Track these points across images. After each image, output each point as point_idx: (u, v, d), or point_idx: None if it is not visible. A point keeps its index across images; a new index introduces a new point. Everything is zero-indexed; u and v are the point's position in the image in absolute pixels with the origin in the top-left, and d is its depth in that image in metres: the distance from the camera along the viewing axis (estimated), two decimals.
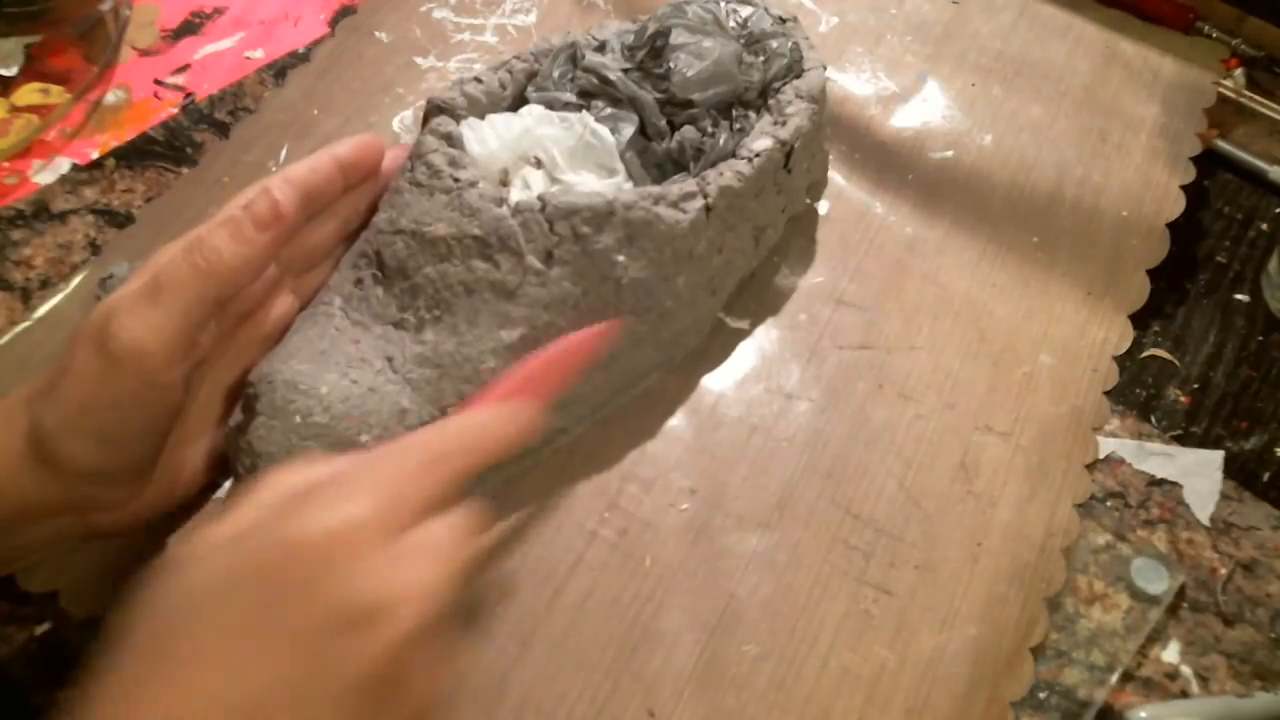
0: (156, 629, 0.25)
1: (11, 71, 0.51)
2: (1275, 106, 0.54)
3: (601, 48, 0.44)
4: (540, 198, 0.37)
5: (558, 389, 0.35)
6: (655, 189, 0.38)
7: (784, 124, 0.42)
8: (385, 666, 0.25)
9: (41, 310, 0.43)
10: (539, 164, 0.40)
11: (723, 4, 0.46)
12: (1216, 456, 0.43)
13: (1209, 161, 0.53)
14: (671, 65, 0.42)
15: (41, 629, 0.37)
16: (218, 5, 0.56)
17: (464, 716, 0.35)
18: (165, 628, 0.25)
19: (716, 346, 0.44)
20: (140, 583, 0.26)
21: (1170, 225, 0.49)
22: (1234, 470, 0.43)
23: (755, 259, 0.45)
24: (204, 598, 0.25)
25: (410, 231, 0.37)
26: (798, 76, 0.44)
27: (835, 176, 0.50)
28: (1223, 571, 0.40)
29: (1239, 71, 0.55)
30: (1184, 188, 0.50)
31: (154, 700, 0.24)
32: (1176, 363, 0.46)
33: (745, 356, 0.44)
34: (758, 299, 0.45)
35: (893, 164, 0.51)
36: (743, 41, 0.45)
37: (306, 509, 0.26)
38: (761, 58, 0.44)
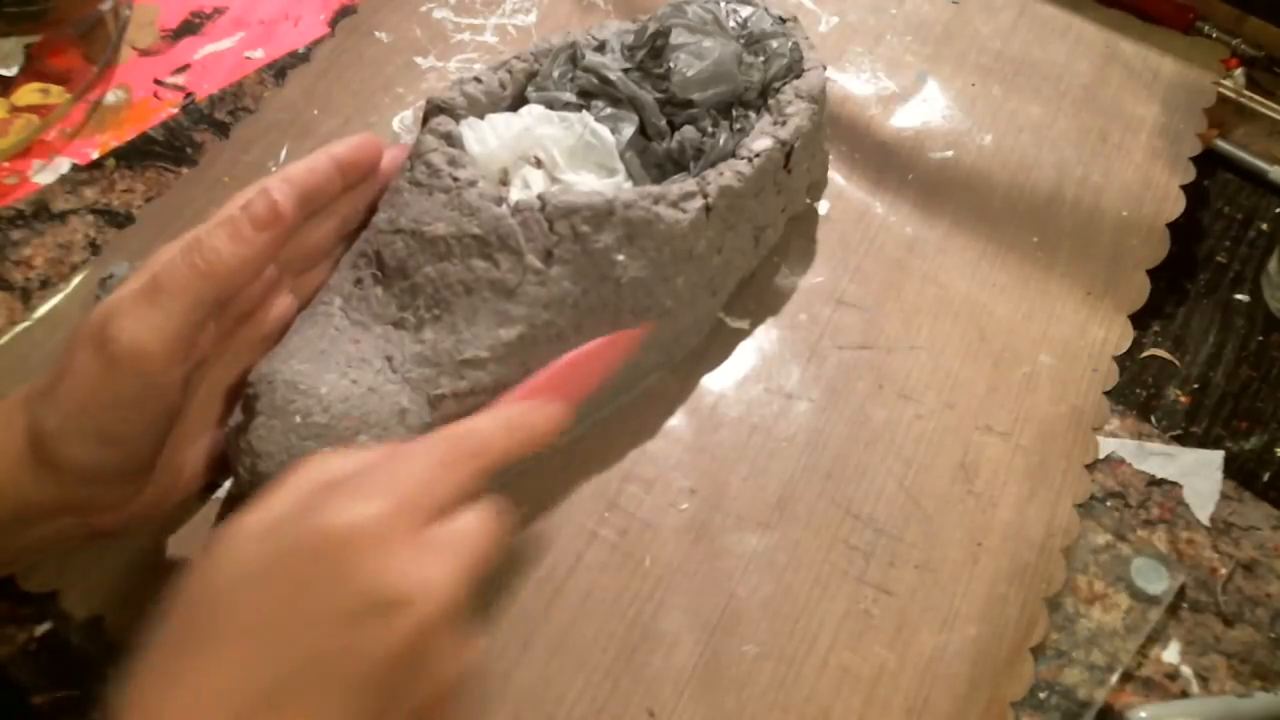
0: (191, 616, 0.26)
1: (11, 71, 0.51)
2: (1275, 106, 0.54)
3: (601, 48, 0.44)
4: (540, 197, 0.37)
5: (584, 391, 0.36)
6: (655, 189, 0.38)
7: (784, 124, 0.42)
8: (406, 652, 0.26)
9: (41, 310, 0.43)
10: (539, 163, 0.40)
11: (723, 4, 0.46)
12: (1216, 456, 0.43)
13: (1209, 161, 0.53)
14: (671, 65, 0.42)
15: (41, 629, 0.37)
16: (218, 5, 0.56)
17: (464, 716, 0.35)
18: (199, 615, 0.26)
19: (716, 346, 0.44)
20: (179, 572, 0.27)
21: (1170, 225, 0.49)
22: (1234, 470, 0.43)
23: (755, 259, 0.45)
24: (234, 586, 0.26)
25: (410, 231, 0.37)
26: (798, 76, 0.44)
27: (835, 176, 0.50)
28: (1223, 571, 0.40)
29: (1239, 71, 0.55)
30: (1184, 188, 0.50)
31: (187, 684, 0.25)
32: (1176, 363, 0.46)
33: (745, 356, 0.44)
34: (758, 299, 0.45)
35: (893, 164, 0.51)
36: (743, 41, 0.44)
37: (333, 502, 0.27)
38: (761, 58, 0.44)
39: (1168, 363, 0.46)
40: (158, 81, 0.53)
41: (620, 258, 0.37)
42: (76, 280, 0.44)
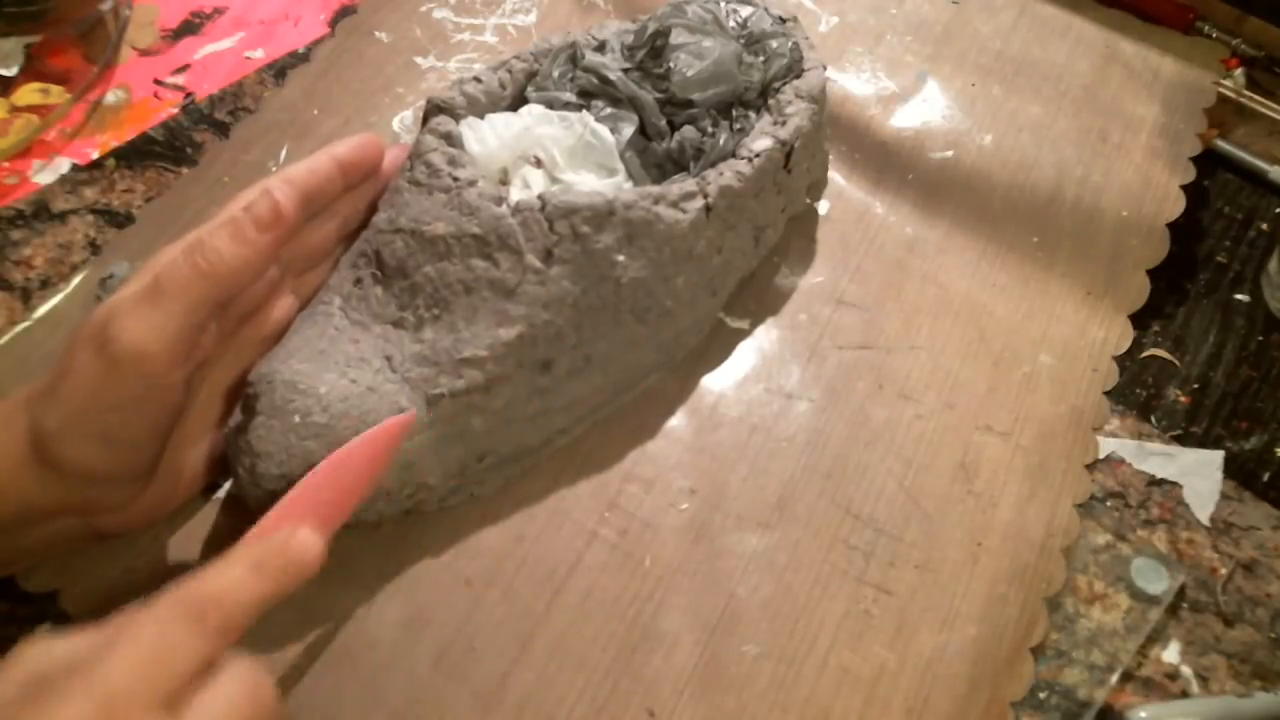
0: None
1: (11, 71, 0.51)
2: (1275, 106, 0.54)
3: (601, 48, 0.44)
4: (540, 197, 0.37)
5: (349, 504, 0.32)
6: (655, 189, 0.38)
7: (784, 124, 0.42)
8: None
9: (41, 310, 0.43)
10: (539, 163, 0.40)
11: (723, 4, 0.46)
12: (1216, 456, 0.43)
13: (1209, 161, 0.53)
14: (671, 65, 0.42)
15: (41, 629, 0.37)
16: (218, 5, 0.56)
17: (464, 717, 0.35)
18: None
19: (716, 346, 0.44)
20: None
21: (1170, 225, 0.49)
22: (1234, 470, 0.43)
23: (755, 259, 0.45)
24: None
25: (409, 230, 0.37)
26: (798, 76, 0.44)
27: (835, 176, 0.50)
28: (1223, 571, 0.40)
29: (1239, 71, 0.55)
30: (1184, 188, 0.50)
31: None
32: (1176, 363, 0.46)
33: (745, 356, 0.44)
34: (758, 299, 0.45)
35: (893, 164, 0.51)
36: (743, 41, 0.44)
37: (35, 709, 0.24)
38: (761, 58, 0.44)
39: (1168, 363, 0.46)
40: (158, 81, 0.53)
41: (620, 258, 0.37)
42: (76, 280, 0.44)
